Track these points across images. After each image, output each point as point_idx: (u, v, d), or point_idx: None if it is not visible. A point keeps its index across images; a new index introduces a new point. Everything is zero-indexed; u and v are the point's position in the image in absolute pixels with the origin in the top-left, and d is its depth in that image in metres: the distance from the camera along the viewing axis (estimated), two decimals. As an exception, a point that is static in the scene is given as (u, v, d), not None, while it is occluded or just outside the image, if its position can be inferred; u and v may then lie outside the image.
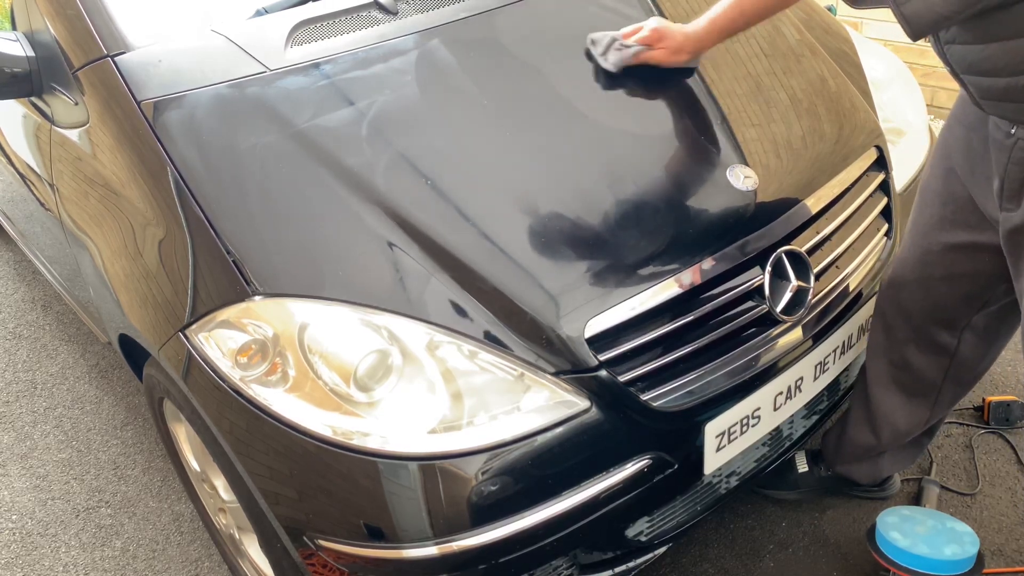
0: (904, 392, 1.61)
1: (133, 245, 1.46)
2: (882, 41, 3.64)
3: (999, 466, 1.95)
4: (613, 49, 1.58)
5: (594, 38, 1.61)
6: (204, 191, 1.36)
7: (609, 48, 1.58)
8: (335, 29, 1.60)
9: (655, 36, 1.57)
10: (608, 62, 1.58)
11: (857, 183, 1.64)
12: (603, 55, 1.59)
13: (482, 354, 1.25)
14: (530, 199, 1.42)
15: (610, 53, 1.58)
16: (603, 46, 1.59)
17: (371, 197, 1.36)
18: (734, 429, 1.41)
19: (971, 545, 1.56)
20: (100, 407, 2.47)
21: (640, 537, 1.42)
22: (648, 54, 1.58)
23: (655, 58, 1.59)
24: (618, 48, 1.57)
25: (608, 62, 1.58)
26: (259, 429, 1.25)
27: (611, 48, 1.58)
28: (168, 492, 2.13)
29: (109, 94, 1.49)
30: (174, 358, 1.37)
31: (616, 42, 1.58)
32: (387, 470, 1.20)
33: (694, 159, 1.54)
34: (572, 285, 1.31)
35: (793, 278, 1.43)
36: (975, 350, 1.54)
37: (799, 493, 1.87)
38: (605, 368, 1.28)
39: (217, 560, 1.93)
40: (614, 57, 1.58)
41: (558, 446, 1.24)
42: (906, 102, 1.97)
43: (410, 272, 1.30)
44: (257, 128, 1.44)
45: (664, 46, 1.57)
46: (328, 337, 1.25)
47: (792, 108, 1.68)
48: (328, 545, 1.27)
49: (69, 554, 2.00)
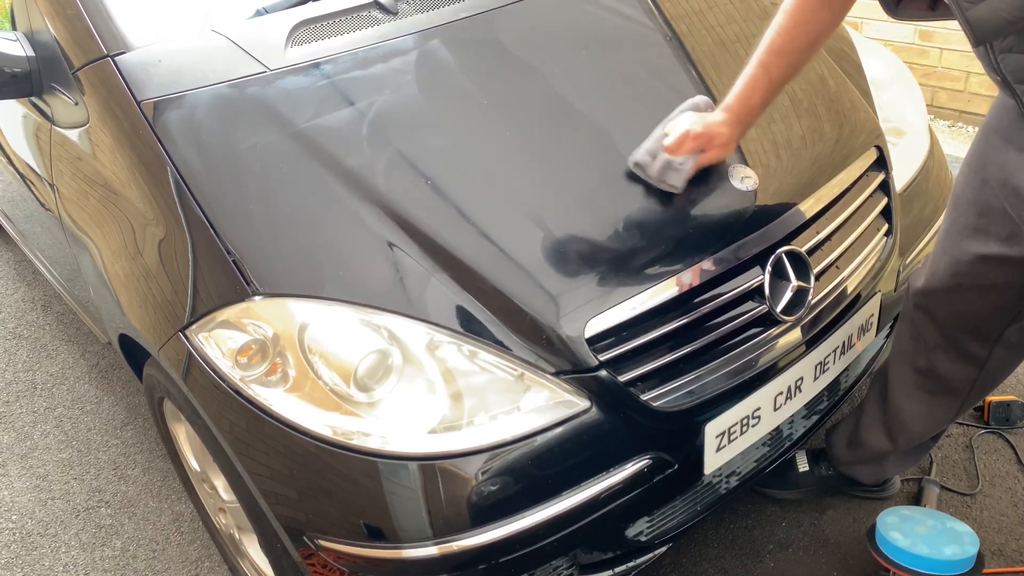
0: (927, 399, 1.59)
1: (133, 245, 1.46)
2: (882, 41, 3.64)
3: (999, 466, 1.95)
4: (671, 171, 1.43)
5: (639, 162, 1.45)
6: (204, 191, 1.36)
7: (666, 171, 1.43)
8: (335, 29, 1.60)
9: (704, 140, 1.43)
10: (669, 184, 1.44)
11: (857, 183, 1.64)
12: (659, 179, 1.44)
13: (482, 354, 1.25)
14: (530, 199, 1.42)
15: (668, 175, 1.43)
16: (658, 170, 1.43)
17: (371, 197, 1.36)
18: (734, 429, 1.41)
19: (971, 545, 1.56)
20: (100, 407, 2.47)
21: (640, 537, 1.42)
22: (702, 159, 1.45)
23: (710, 160, 1.47)
24: (676, 168, 1.43)
25: (669, 184, 1.44)
26: (259, 429, 1.25)
27: (668, 170, 1.43)
28: (168, 492, 2.13)
29: (109, 94, 1.49)
30: (174, 358, 1.37)
31: (672, 163, 1.42)
32: (387, 470, 1.20)
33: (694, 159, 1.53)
34: (572, 285, 1.31)
35: (793, 278, 1.43)
36: (1004, 363, 1.53)
37: (799, 493, 1.87)
38: (605, 368, 1.28)
39: (217, 560, 1.93)
40: (676, 179, 1.43)
41: (558, 446, 1.24)
42: (906, 102, 1.97)
43: (410, 272, 1.30)
44: (257, 128, 1.44)
45: (716, 145, 1.45)
46: (328, 337, 1.25)
47: (792, 108, 1.68)
48: (328, 545, 1.27)
49: (69, 554, 2.00)
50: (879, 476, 1.81)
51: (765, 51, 1.42)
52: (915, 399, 1.60)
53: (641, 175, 1.45)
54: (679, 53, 1.75)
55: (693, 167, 1.44)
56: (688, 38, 1.78)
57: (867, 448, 1.73)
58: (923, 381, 1.58)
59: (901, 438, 1.66)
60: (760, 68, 1.43)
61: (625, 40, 1.76)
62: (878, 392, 1.68)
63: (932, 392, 1.58)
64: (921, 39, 3.65)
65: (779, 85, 1.46)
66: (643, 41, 1.77)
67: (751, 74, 1.44)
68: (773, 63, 1.42)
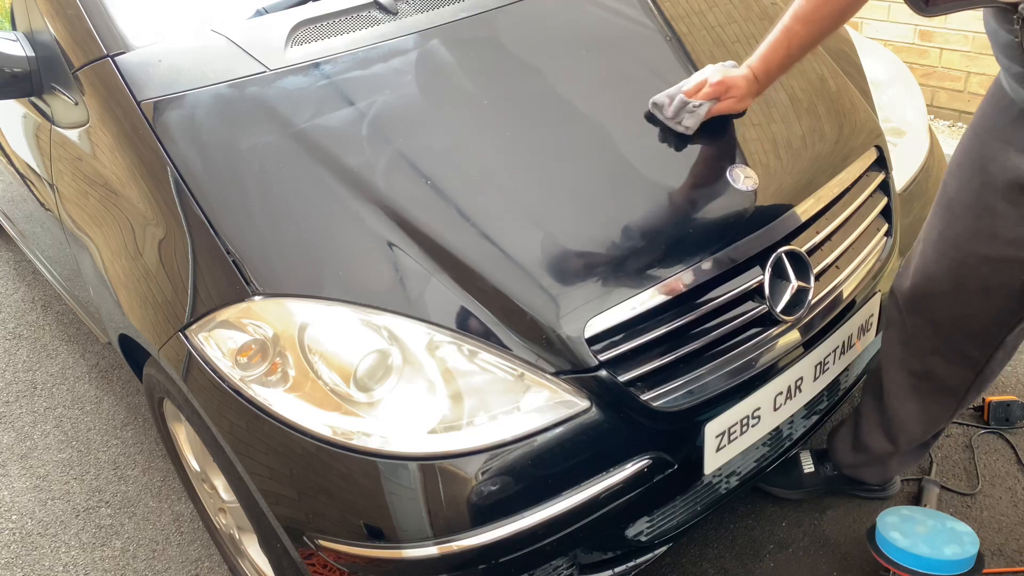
0: (923, 400, 1.59)
1: (133, 245, 1.46)
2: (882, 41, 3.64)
3: (999, 466, 1.95)
4: (686, 112, 1.51)
5: (657, 102, 1.55)
6: (204, 191, 1.36)
7: (681, 112, 1.51)
8: (335, 29, 1.60)
9: (721, 88, 1.51)
10: (683, 126, 1.52)
11: (857, 183, 1.64)
12: (674, 119, 1.52)
13: (482, 354, 1.25)
14: (530, 199, 1.42)
15: (683, 116, 1.52)
16: (674, 110, 1.52)
17: (371, 197, 1.36)
18: (734, 429, 1.41)
19: (971, 545, 1.56)
20: (100, 407, 2.47)
21: (640, 537, 1.42)
22: (718, 107, 1.53)
23: (724, 109, 1.54)
24: (691, 110, 1.51)
25: (683, 126, 1.52)
26: (259, 429, 1.25)
27: (683, 111, 1.51)
28: (168, 492, 2.13)
29: (109, 94, 1.49)
30: (174, 358, 1.37)
31: (688, 104, 1.51)
32: (387, 470, 1.20)
33: (694, 159, 1.54)
34: (572, 285, 1.31)
35: (793, 278, 1.43)
36: (1001, 363, 1.54)
37: (803, 492, 1.87)
38: (605, 368, 1.28)
39: (217, 560, 1.93)
40: (689, 120, 1.52)
41: (558, 446, 1.24)
42: (906, 102, 1.97)
43: (410, 272, 1.30)
44: (257, 128, 1.44)
45: (732, 95, 1.53)
46: (328, 337, 1.25)
47: (792, 108, 1.68)
48: (328, 545, 1.27)
49: (69, 554, 2.00)
50: (884, 476, 1.81)
51: (792, 16, 1.46)
52: (912, 401, 1.60)
53: (657, 114, 1.54)
54: (679, 53, 1.75)
55: (708, 111, 1.52)
56: (688, 38, 1.78)
57: (870, 451, 1.73)
58: (919, 383, 1.58)
59: (902, 439, 1.66)
60: (784, 33, 1.48)
61: (625, 40, 1.76)
62: (873, 396, 1.68)
63: (928, 393, 1.58)
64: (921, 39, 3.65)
65: (800, 52, 1.51)
66: (643, 41, 1.77)
67: (775, 38, 1.49)
68: (797, 30, 1.46)
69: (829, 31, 1.48)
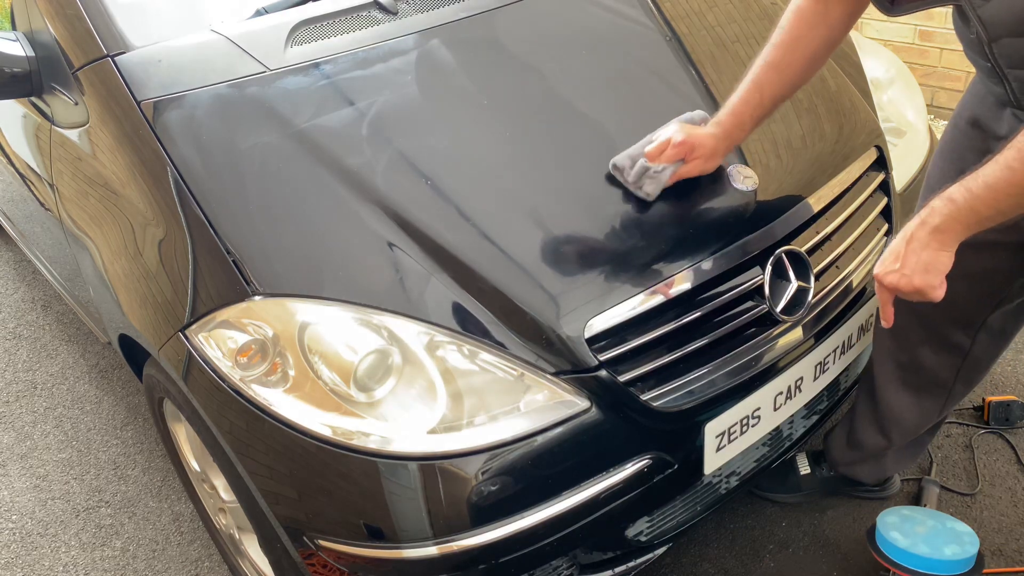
0: (914, 392, 1.60)
1: (133, 245, 1.46)
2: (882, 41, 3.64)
3: (999, 466, 1.95)
4: (647, 178, 1.41)
5: (617, 164, 1.44)
6: (204, 191, 1.36)
7: (642, 177, 1.41)
8: (335, 29, 1.60)
9: (685, 149, 1.41)
10: (644, 192, 1.42)
11: (857, 183, 1.64)
12: (635, 184, 1.42)
13: (482, 354, 1.25)
14: (530, 199, 1.42)
15: (644, 183, 1.41)
16: (635, 175, 1.42)
17: (371, 197, 1.36)
18: (734, 429, 1.41)
19: (971, 545, 1.56)
20: (100, 407, 2.47)
21: (640, 537, 1.42)
22: (683, 169, 1.43)
23: (691, 172, 1.44)
24: (652, 176, 1.41)
25: (644, 192, 1.42)
26: (259, 429, 1.25)
27: (644, 177, 1.41)
28: (168, 492, 2.13)
29: (109, 94, 1.49)
30: (174, 358, 1.37)
31: (649, 170, 1.41)
32: (387, 470, 1.20)
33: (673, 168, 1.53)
34: (572, 285, 1.31)
35: (793, 278, 1.43)
36: (987, 349, 1.54)
37: (802, 496, 1.87)
38: (605, 368, 1.28)
39: (217, 560, 1.93)
40: (650, 187, 1.41)
41: (558, 446, 1.24)
42: (906, 102, 1.97)
43: (410, 272, 1.30)
44: (257, 128, 1.44)
45: (697, 156, 1.43)
46: (328, 337, 1.25)
47: (792, 108, 1.68)
48: (328, 545, 1.27)
49: (69, 554, 2.00)
50: (880, 474, 1.81)
51: (761, 66, 1.40)
52: (903, 394, 1.61)
53: (619, 178, 1.44)
54: (679, 53, 1.75)
55: (671, 177, 1.42)
56: (688, 38, 1.78)
57: (864, 448, 1.73)
58: (908, 376, 1.59)
59: (895, 434, 1.67)
60: (754, 85, 1.41)
61: (625, 40, 1.76)
62: (867, 391, 1.69)
63: (918, 385, 1.59)
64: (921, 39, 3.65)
65: (772, 103, 1.44)
66: (643, 41, 1.77)
67: (745, 89, 1.42)
68: (767, 79, 1.40)
69: (800, 79, 1.42)
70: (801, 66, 1.40)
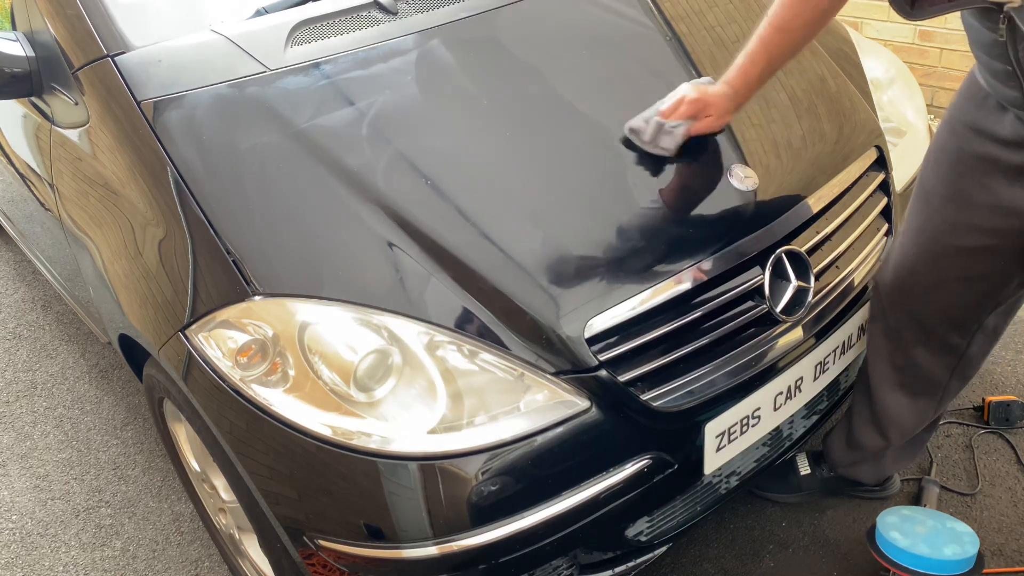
0: (910, 392, 1.60)
1: (133, 245, 1.46)
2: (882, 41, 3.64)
3: (999, 466, 1.95)
4: (663, 134, 1.46)
5: (633, 127, 1.49)
6: (204, 191, 1.36)
7: (658, 134, 1.46)
8: (335, 29, 1.60)
9: (698, 106, 1.46)
10: (661, 147, 1.47)
11: (857, 183, 1.64)
12: (651, 142, 1.47)
13: (482, 354, 1.25)
14: (530, 199, 1.42)
15: (661, 138, 1.46)
16: (650, 133, 1.46)
17: (371, 197, 1.36)
18: (734, 429, 1.41)
19: (971, 545, 1.56)
20: (100, 407, 2.47)
21: (640, 537, 1.42)
22: (696, 127, 1.48)
23: (703, 129, 1.49)
24: (668, 131, 1.45)
25: (661, 147, 1.47)
26: (259, 429, 1.25)
27: (660, 134, 1.46)
28: (168, 492, 2.13)
29: (109, 94, 1.49)
30: (174, 358, 1.37)
31: (664, 126, 1.46)
32: (387, 470, 1.20)
33: (694, 159, 1.54)
34: (572, 285, 1.31)
35: (793, 278, 1.43)
36: (982, 348, 1.55)
37: (802, 496, 1.87)
38: (605, 368, 1.28)
39: (217, 560, 1.93)
40: (667, 142, 1.46)
41: (558, 446, 1.24)
42: (906, 102, 1.97)
43: (410, 272, 1.30)
44: (257, 128, 1.44)
45: (709, 114, 1.48)
46: (328, 337, 1.25)
47: (792, 108, 1.68)
48: (328, 545, 1.27)
49: (69, 554, 2.00)
50: (879, 474, 1.81)
51: (767, 26, 1.43)
52: (898, 394, 1.61)
53: (635, 140, 1.49)
54: (679, 53, 1.75)
55: (686, 132, 1.47)
56: (688, 38, 1.78)
57: (863, 448, 1.73)
58: (903, 377, 1.59)
59: (893, 433, 1.67)
60: (761, 43, 1.44)
61: (625, 40, 1.76)
62: (862, 392, 1.69)
63: (913, 385, 1.59)
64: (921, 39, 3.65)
65: (778, 62, 1.47)
66: (643, 41, 1.77)
67: (751, 49, 1.45)
68: (774, 39, 1.43)
69: (807, 39, 1.45)
70: (807, 27, 1.42)
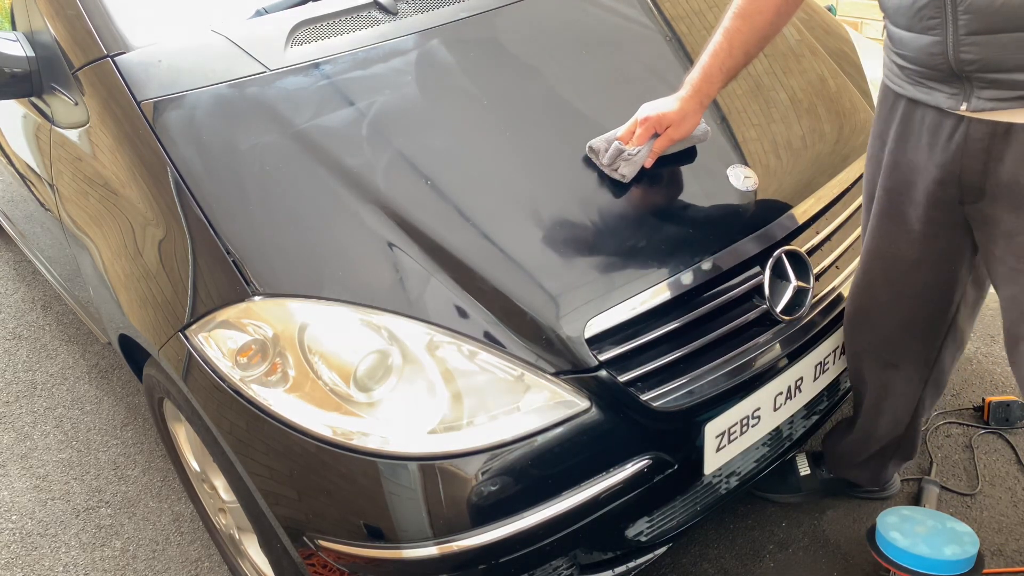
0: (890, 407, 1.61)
1: (133, 245, 1.46)
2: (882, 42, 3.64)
3: (999, 466, 1.95)
4: (622, 160, 1.43)
5: (593, 147, 1.46)
6: (204, 191, 1.36)
7: (617, 159, 1.43)
8: (335, 29, 1.60)
9: (653, 124, 1.43)
10: (619, 174, 1.44)
11: (857, 183, 1.64)
12: (610, 166, 1.44)
13: (482, 354, 1.25)
14: (530, 199, 1.42)
15: (619, 164, 1.43)
16: (609, 157, 1.44)
17: (371, 197, 1.36)
18: (734, 429, 1.41)
19: (971, 545, 1.56)
20: (100, 407, 2.47)
21: (640, 537, 1.42)
22: (659, 144, 1.45)
23: (667, 142, 1.45)
24: (627, 158, 1.42)
25: (619, 174, 1.44)
26: (259, 429, 1.25)
27: (619, 159, 1.43)
28: (168, 492, 2.13)
29: (109, 94, 1.49)
30: (174, 358, 1.37)
31: (623, 152, 1.43)
32: (387, 470, 1.20)
33: (694, 159, 1.54)
34: (572, 285, 1.31)
35: (793, 278, 1.43)
36: (952, 355, 1.56)
37: (802, 496, 1.87)
38: (605, 368, 1.28)
39: (217, 560, 1.93)
40: (625, 168, 1.43)
41: (558, 446, 1.24)
42: (906, 102, 1.96)
43: (410, 272, 1.30)
44: (257, 128, 1.44)
45: (668, 124, 1.44)
46: (328, 337, 1.25)
47: (792, 108, 1.68)
48: (328, 545, 1.27)
49: (69, 554, 2.00)
50: (876, 477, 1.81)
51: (730, 16, 1.41)
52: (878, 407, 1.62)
53: (594, 160, 1.47)
54: (679, 53, 1.75)
55: (649, 156, 1.44)
56: (688, 38, 1.78)
57: (857, 451, 1.74)
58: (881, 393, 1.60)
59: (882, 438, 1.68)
60: (723, 36, 1.42)
61: (625, 40, 1.76)
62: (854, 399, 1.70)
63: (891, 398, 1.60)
64: (921, 39, 3.65)
65: (742, 55, 1.43)
66: (643, 41, 1.77)
67: (714, 42, 1.43)
68: (736, 29, 1.41)
69: (769, 30, 1.42)
70: (769, 14, 1.40)
